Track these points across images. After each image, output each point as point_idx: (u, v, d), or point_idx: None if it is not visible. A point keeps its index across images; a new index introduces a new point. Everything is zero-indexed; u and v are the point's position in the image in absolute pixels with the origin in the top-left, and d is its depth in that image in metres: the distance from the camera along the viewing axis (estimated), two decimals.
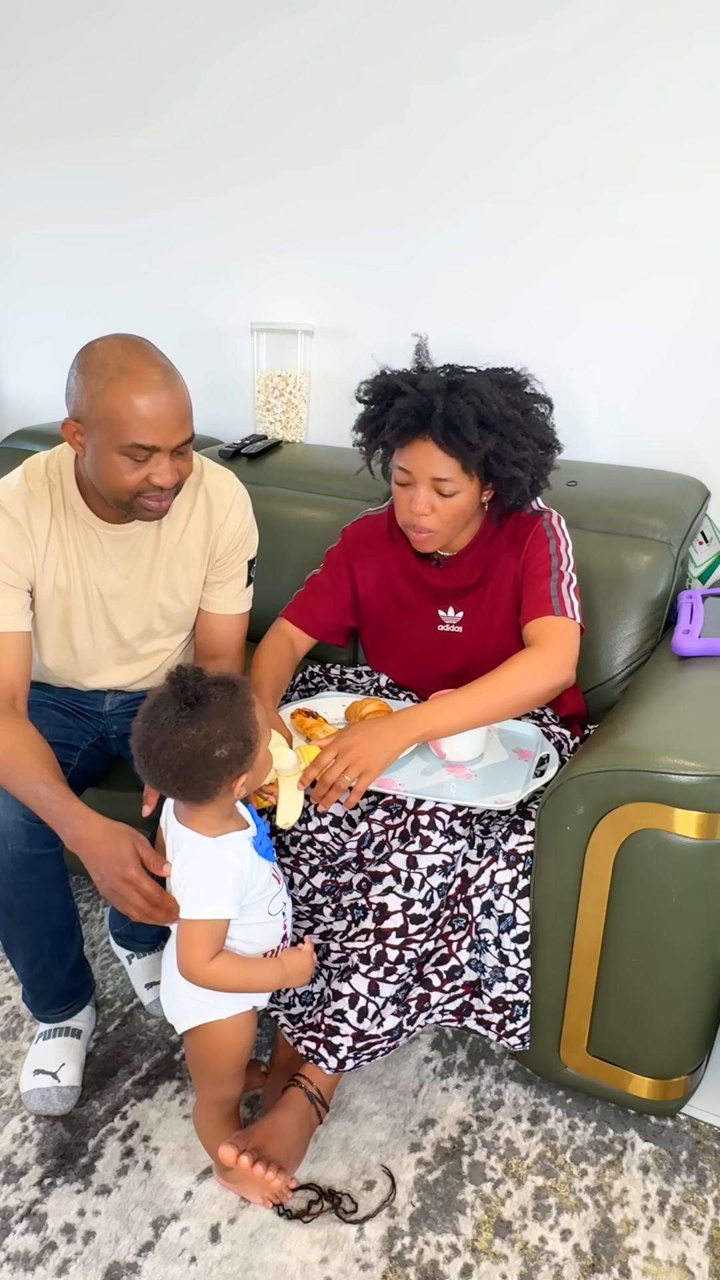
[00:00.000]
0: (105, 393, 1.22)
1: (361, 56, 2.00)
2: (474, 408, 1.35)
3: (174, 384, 1.26)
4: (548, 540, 1.49)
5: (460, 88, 1.91)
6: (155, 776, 1.12)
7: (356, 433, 1.50)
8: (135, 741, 1.11)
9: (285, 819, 1.28)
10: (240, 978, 1.18)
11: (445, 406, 1.35)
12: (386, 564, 1.60)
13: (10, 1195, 1.32)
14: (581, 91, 1.81)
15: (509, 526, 1.53)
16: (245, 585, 1.54)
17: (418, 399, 1.37)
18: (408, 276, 2.10)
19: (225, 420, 2.41)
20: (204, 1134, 1.33)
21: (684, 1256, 1.24)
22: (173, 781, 1.11)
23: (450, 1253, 1.25)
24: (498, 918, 1.35)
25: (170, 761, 1.08)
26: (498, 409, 1.36)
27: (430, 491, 1.41)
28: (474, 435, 1.35)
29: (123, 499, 1.30)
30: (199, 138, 2.26)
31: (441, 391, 1.36)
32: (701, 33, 1.68)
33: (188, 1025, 1.24)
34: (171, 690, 1.09)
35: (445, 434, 1.36)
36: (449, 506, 1.42)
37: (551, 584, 1.45)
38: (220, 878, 1.15)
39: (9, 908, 1.37)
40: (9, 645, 1.36)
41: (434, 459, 1.38)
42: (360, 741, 1.32)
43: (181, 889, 1.16)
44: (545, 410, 1.46)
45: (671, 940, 1.25)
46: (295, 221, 2.20)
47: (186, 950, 1.15)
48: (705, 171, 1.75)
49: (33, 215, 2.59)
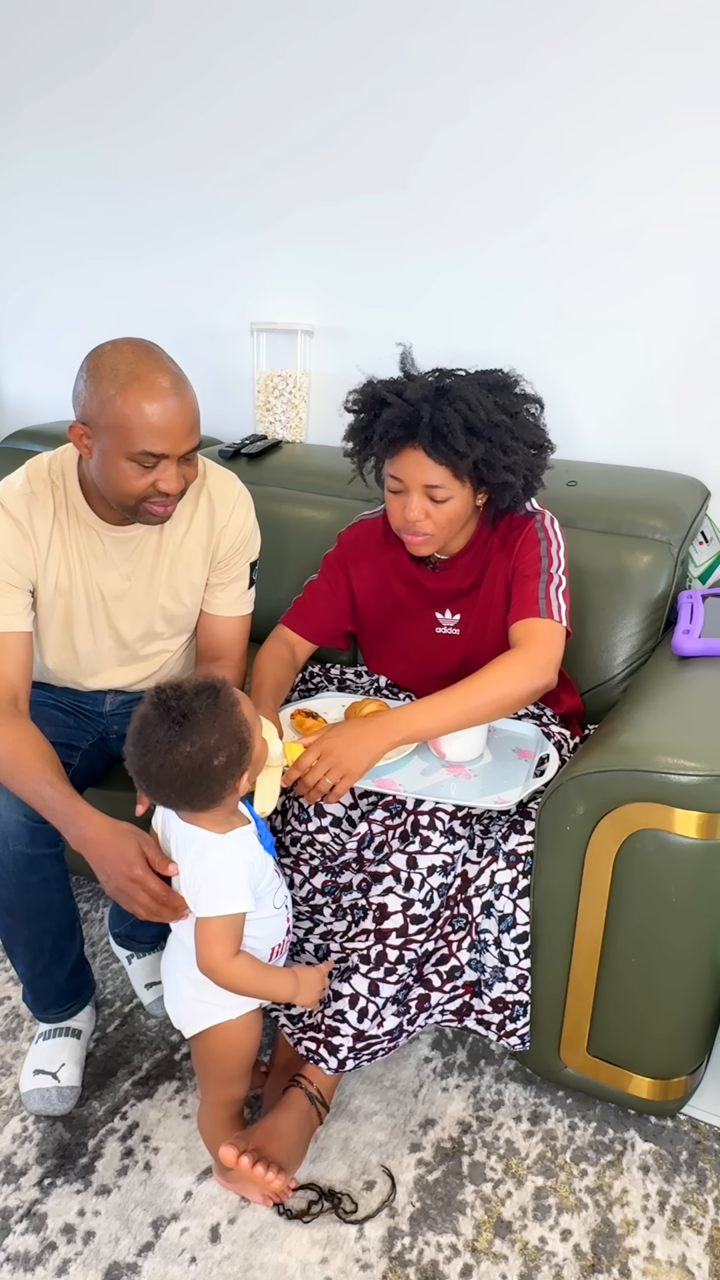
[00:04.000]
0: (116, 399, 1.22)
1: (362, 57, 2.00)
2: (461, 415, 1.34)
3: (184, 392, 1.26)
4: (539, 542, 1.48)
5: (460, 88, 1.91)
6: (159, 794, 1.12)
7: (347, 443, 1.50)
8: (132, 765, 1.11)
9: (262, 806, 1.28)
10: (258, 981, 1.19)
11: (432, 415, 1.34)
12: (383, 568, 1.60)
13: (10, 1195, 1.32)
14: (581, 92, 1.81)
15: (502, 528, 1.52)
16: (247, 587, 1.54)
17: (404, 409, 1.36)
18: (408, 277, 2.11)
19: (225, 420, 2.41)
20: (208, 1134, 1.33)
21: (684, 1257, 1.24)
22: (178, 797, 1.12)
23: (450, 1253, 1.25)
24: (498, 918, 1.36)
25: (172, 780, 1.09)
26: (485, 415, 1.35)
27: (423, 498, 1.40)
28: (461, 443, 1.34)
29: (128, 503, 1.30)
30: (200, 137, 2.26)
31: (429, 400, 1.36)
32: (702, 32, 1.68)
33: (197, 1029, 1.24)
34: (156, 711, 1.08)
35: (433, 442, 1.35)
36: (442, 512, 1.42)
37: (540, 585, 1.44)
38: (235, 872, 1.15)
39: (10, 908, 1.37)
40: (11, 645, 1.36)
41: (424, 467, 1.38)
42: (342, 744, 1.32)
43: (197, 888, 1.15)
44: (536, 411, 1.45)
45: (671, 940, 1.25)
46: (295, 222, 2.21)
47: (207, 948, 1.15)
48: (706, 171, 1.75)
49: (33, 215, 2.59)
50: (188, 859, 1.17)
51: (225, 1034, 1.24)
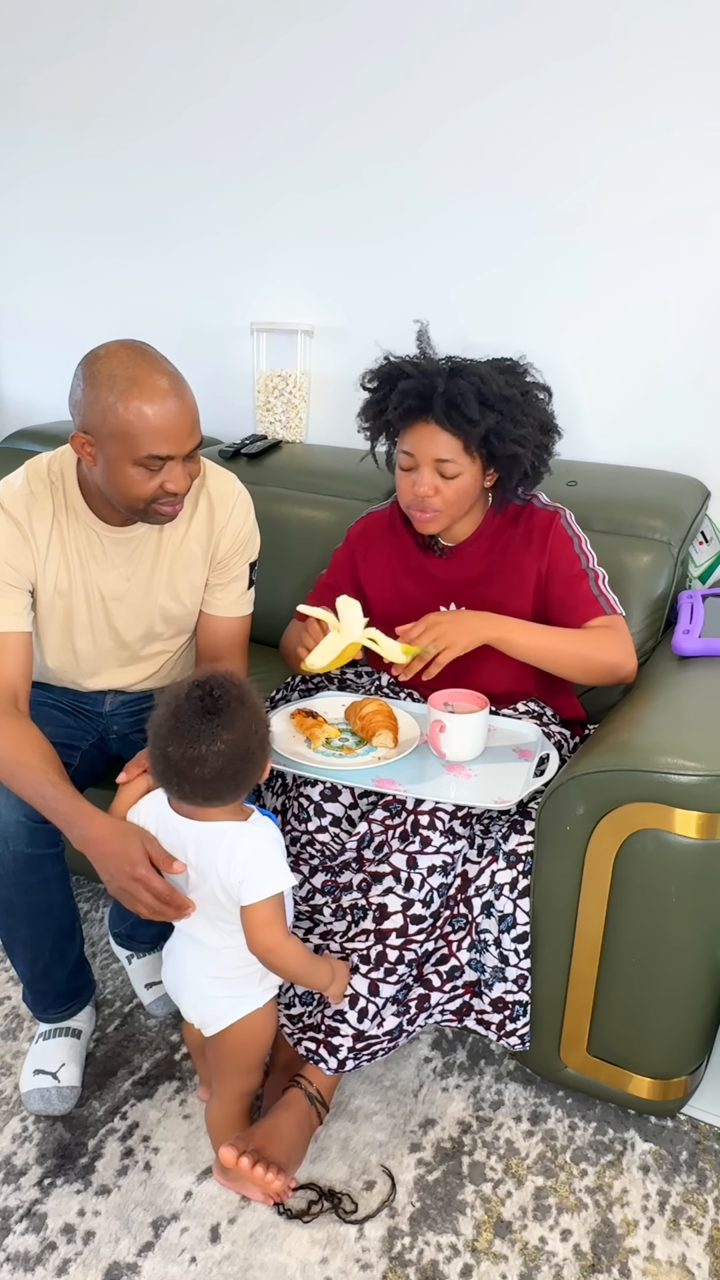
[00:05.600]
0: (117, 406, 1.21)
1: (363, 57, 2.00)
2: (474, 387, 1.40)
3: (183, 391, 1.26)
4: (571, 540, 1.53)
5: (462, 88, 1.91)
6: (200, 790, 1.13)
7: (360, 418, 1.54)
8: (169, 765, 1.12)
9: (316, 660, 1.35)
10: (309, 963, 1.22)
11: (447, 386, 1.40)
12: (389, 558, 1.61)
13: (10, 1195, 1.32)
14: (581, 92, 1.81)
15: (522, 522, 1.54)
16: (247, 588, 1.54)
17: (420, 380, 1.42)
18: (408, 277, 2.10)
19: (225, 420, 2.41)
20: (218, 1128, 1.33)
21: (684, 1257, 1.24)
22: (223, 787, 1.14)
23: (450, 1253, 1.25)
24: (498, 918, 1.36)
25: (218, 770, 1.11)
26: (497, 388, 1.41)
27: (433, 473, 1.45)
28: (474, 411, 1.39)
29: (137, 507, 1.30)
30: (201, 137, 2.26)
31: (443, 374, 1.42)
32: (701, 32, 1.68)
33: (225, 1024, 1.26)
34: (198, 705, 1.11)
35: (447, 412, 1.40)
36: (452, 487, 1.46)
37: (591, 584, 1.51)
38: (272, 852, 1.18)
39: (10, 908, 1.37)
40: (11, 645, 1.36)
41: (437, 440, 1.43)
42: (447, 620, 1.41)
43: (240, 878, 1.15)
44: (544, 397, 1.51)
45: (672, 940, 1.25)
46: (296, 221, 2.20)
47: (263, 931, 1.17)
48: (706, 171, 1.75)
49: (33, 215, 2.59)
50: (219, 856, 1.16)
51: (250, 1024, 1.26)
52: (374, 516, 1.67)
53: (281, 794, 1.51)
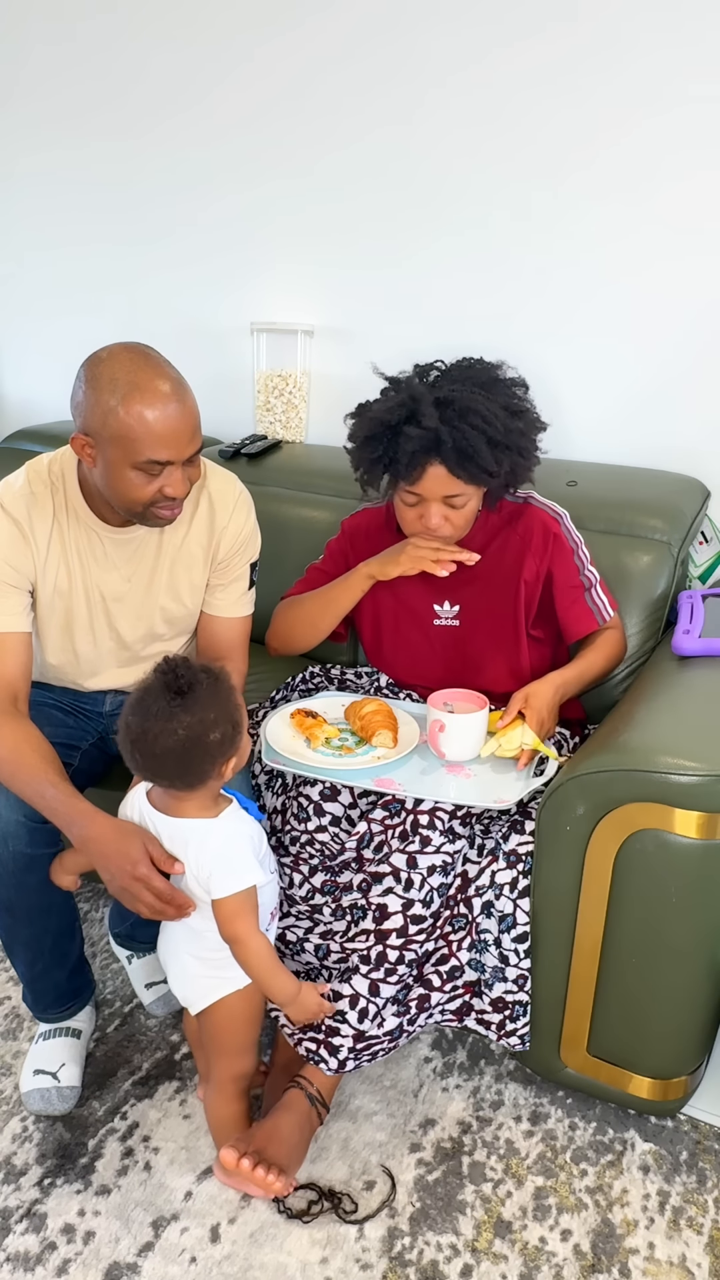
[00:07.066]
0: (118, 410, 1.21)
1: (363, 59, 1.99)
2: (480, 432, 1.36)
3: (185, 397, 1.26)
4: (571, 550, 1.54)
5: (462, 91, 1.91)
6: (150, 766, 1.15)
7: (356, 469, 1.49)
8: (128, 734, 1.14)
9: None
10: (272, 966, 1.22)
11: (453, 438, 1.36)
12: None
13: (10, 1195, 1.32)
14: (581, 94, 1.81)
15: (521, 522, 1.54)
16: (248, 588, 1.54)
17: (422, 437, 1.36)
18: (407, 277, 2.10)
19: (225, 420, 2.41)
20: (216, 1117, 1.33)
21: (684, 1257, 1.24)
22: (171, 768, 1.14)
23: (450, 1253, 1.25)
24: (498, 918, 1.36)
25: (168, 750, 1.12)
26: (501, 425, 1.37)
27: (442, 506, 1.44)
28: (489, 461, 1.37)
29: (135, 510, 1.30)
30: (201, 138, 2.26)
31: (449, 422, 1.36)
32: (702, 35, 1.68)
33: (206, 1003, 1.27)
34: (161, 680, 1.13)
35: (460, 464, 1.37)
36: (461, 515, 1.46)
37: (587, 596, 1.54)
38: (239, 848, 1.19)
39: (10, 908, 1.37)
40: (10, 645, 1.36)
41: (446, 482, 1.41)
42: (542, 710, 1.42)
43: (209, 873, 1.17)
44: (524, 394, 1.46)
45: (671, 940, 1.25)
46: (296, 221, 2.20)
47: (230, 923, 1.18)
48: (707, 170, 1.75)
49: (34, 215, 2.59)
50: (190, 851, 1.19)
51: (233, 1004, 1.27)
52: (370, 512, 1.66)
53: (281, 794, 1.51)
